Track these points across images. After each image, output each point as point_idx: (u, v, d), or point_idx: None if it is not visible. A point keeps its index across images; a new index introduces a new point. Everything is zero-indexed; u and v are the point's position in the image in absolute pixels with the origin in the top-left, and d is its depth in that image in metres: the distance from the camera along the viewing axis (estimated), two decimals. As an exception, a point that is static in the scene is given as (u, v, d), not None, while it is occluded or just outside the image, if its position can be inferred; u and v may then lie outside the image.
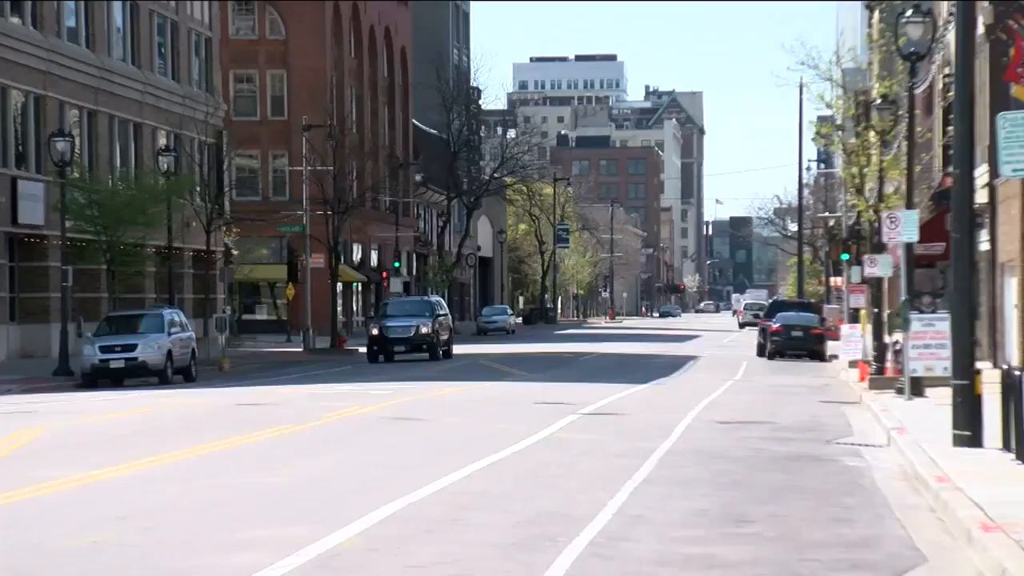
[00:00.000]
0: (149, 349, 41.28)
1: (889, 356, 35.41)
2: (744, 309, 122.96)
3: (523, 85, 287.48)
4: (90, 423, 26.62)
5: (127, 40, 60.88)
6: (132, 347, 41.12)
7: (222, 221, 64.84)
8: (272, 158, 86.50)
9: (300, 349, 65.73)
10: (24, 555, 12.37)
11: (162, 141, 61.65)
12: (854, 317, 49.31)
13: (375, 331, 53.90)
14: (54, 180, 48.05)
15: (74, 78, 55.28)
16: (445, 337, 55.37)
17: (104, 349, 40.95)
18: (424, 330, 52.92)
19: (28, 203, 51.32)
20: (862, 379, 35.79)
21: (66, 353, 43.56)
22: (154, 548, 12.53)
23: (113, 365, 40.75)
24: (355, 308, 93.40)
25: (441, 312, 56.22)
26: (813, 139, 54.27)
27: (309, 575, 11.17)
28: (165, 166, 54.78)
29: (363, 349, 66.96)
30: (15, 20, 51.75)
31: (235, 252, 73.16)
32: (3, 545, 12.91)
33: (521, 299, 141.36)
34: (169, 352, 42.08)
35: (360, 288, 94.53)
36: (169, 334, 42.57)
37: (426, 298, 62.15)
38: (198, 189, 61.36)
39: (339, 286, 77.66)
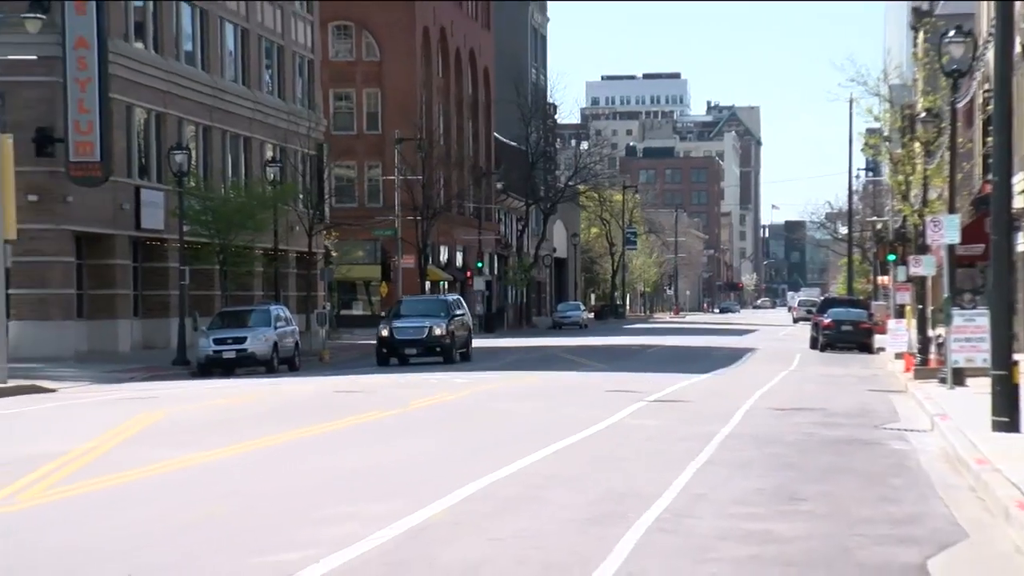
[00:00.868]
0: (257, 341, 41.61)
1: (932, 348, 35.03)
2: (798, 305, 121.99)
3: (595, 101, 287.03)
4: (204, 408, 26.85)
5: (238, 62, 61.36)
6: (242, 339, 41.46)
7: (322, 225, 65.23)
8: (367, 168, 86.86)
9: (393, 341, 65.89)
10: (149, 527, 12.48)
11: (269, 153, 62.10)
12: (900, 313, 48.78)
13: (384, 332, 45.82)
14: (173, 189, 48.52)
15: (191, 97, 55.77)
16: (463, 338, 47.50)
17: (217, 341, 41.30)
18: (437, 331, 45.18)
19: (150, 210, 51.85)
20: (907, 370, 35.42)
21: (183, 345, 43.97)
22: (260, 521, 12.60)
23: (225, 356, 41.10)
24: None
25: (458, 312, 48.27)
26: (862, 149, 53.73)
27: (401, 546, 11.17)
28: (272, 176, 55.17)
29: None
30: (139, 45, 52.29)
31: (334, 253, 73.56)
32: (129, 518, 13.04)
33: (593, 296, 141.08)
34: (275, 344, 42.37)
35: (446, 286, 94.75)
36: (275, 328, 42.87)
37: (442, 297, 54.58)
38: (301, 196, 61.75)
39: (427, 284, 77.92)
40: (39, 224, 45.19)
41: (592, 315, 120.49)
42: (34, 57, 41.74)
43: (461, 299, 51.92)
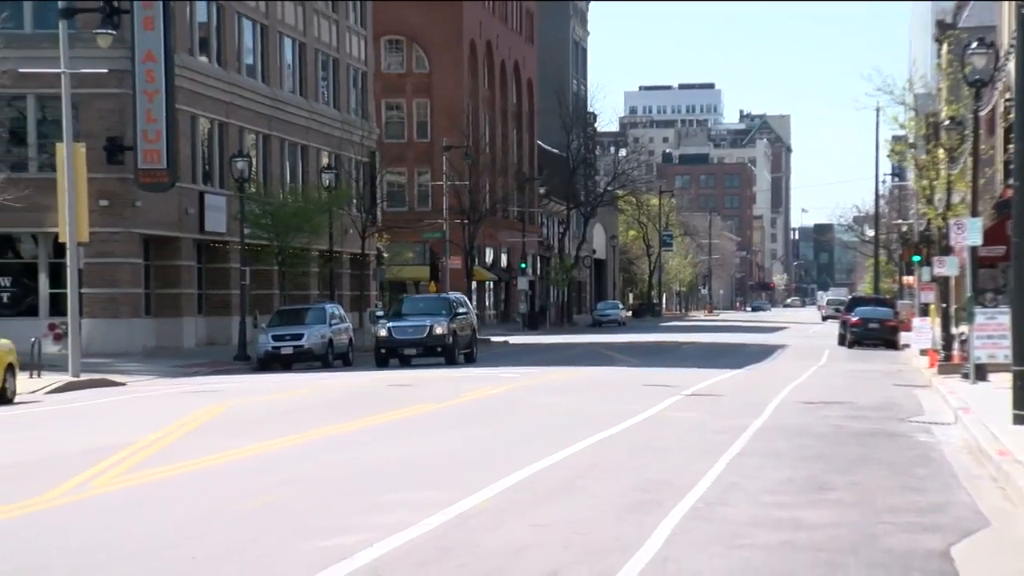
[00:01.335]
0: (313, 338, 41.78)
1: (956, 345, 34.78)
2: (826, 304, 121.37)
3: (633, 110, 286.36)
4: (264, 401, 26.98)
5: (296, 75, 61.63)
6: (299, 336, 41.63)
7: (375, 228, 65.40)
8: (417, 174, 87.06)
9: (441, 338, 65.97)
10: (212, 513, 12.56)
11: (324, 160, 62.33)
12: (924, 311, 48.47)
13: (383, 332, 41.79)
14: (234, 194, 48.79)
15: (251, 107, 56.07)
16: (466, 338, 43.24)
17: (276, 338, 41.51)
18: (439, 331, 41.24)
19: (213, 214, 52.15)
20: (931, 365, 35.17)
21: (244, 341, 44.20)
22: (315, 508, 12.65)
23: (283, 351, 41.30)
24: (487, 303, 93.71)
25: (461, 311, 43.96)
26: (888, 155, 53.43)
27: (450, 531, 11.20)
28: (327, 181, 55.37)
29: (496, 339, 67.10)
30: (203, 59, 52.60)
31: (385, 255, 73.74)
32: (194, 505, 13.12)
33: (631, 295, 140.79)
34: (330, 340, 42.52)
35: (492, 286, 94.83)
36: (330, 325, 43.02)
37: (445, 295, 49.35)
38: (355, 201, 61.95)
39: (474, 284, 77.98)
40: (110, 227, 45.56)
41: (630, 313, 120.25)
42: (105, 71, 42.05)
43: (465, 298, 47.98)
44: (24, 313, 45.87)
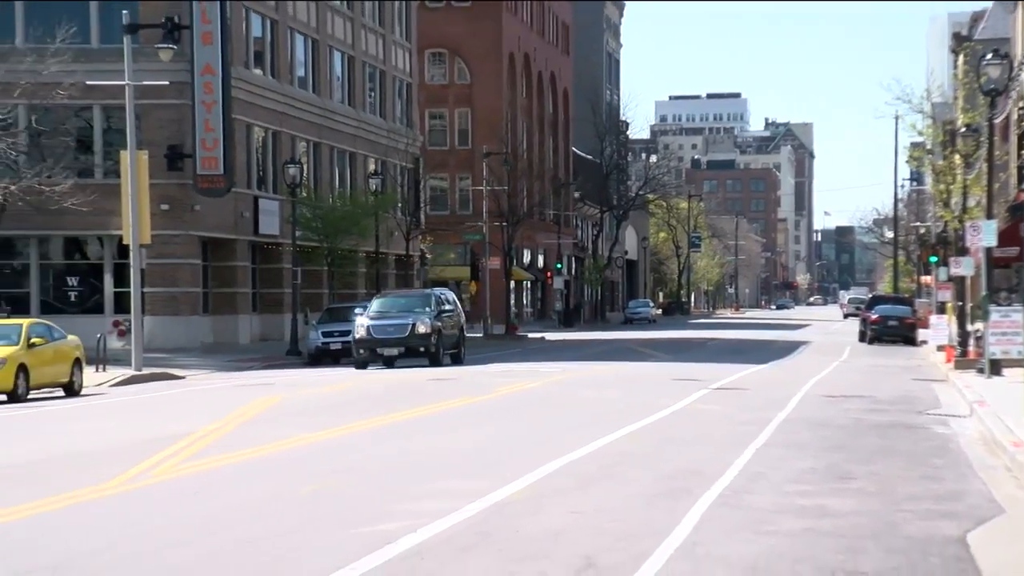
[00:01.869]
0: (360, 335, 41.86)
1: (971, 342, 34.50)
2: (848, 302, 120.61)
3: (663, 118, 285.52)
4: (315, 394, 27.07)
5: (344, 86, 61.80)
6: (348, 332, 41.59)
7: (418, 231, 65.54)
8: (458, 180, 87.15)
9: (480, 335, 66.08)
10: (266, 499, 12.62)
11: (371, 166, 62.48)
12: (941, 309, 48.13)
13: (360, 331, 36.30)
14: (287, 199, 49.00)
15: (302, 117, 56.27)
16: (452, 338, 38.12)
17: (325, 334, 41.56)
18: (422, 329, 36.03)
19: (266, 217, 52.36)
20: (948, 361, 34.91)
21: (296, 337, 44.37)
22: (361, 495, 12.68)
23: (333, 347, 41.31)
24: (525, 301, 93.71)
25: (447, 307, 38.56)
26: (907, 161, 53.15)
27: (490, 518, 11.20)
28: (373, 187, 55.51)
29: (533, 335, 67.02)
30: (257, 71, 52.84)
31: (428, 256, 73.88)
32: (249, 491, 13.19)
33: (660, 294, 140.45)
34: (376, 337, 42.50)
35: (529, 285, 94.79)
36: (376, 322, 43.01)
37: (427, 291, 42.50)
38: (399, 205, 62.10)
39: (512, 283, 77.97)
40: (170, 230, 45.82)
41: (660, 311, 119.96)
42: (166, 83, 42.31)
43: (452, 294, 41.85)
44: (90, 311, 46.20)
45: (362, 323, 36.70)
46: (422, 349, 36.49)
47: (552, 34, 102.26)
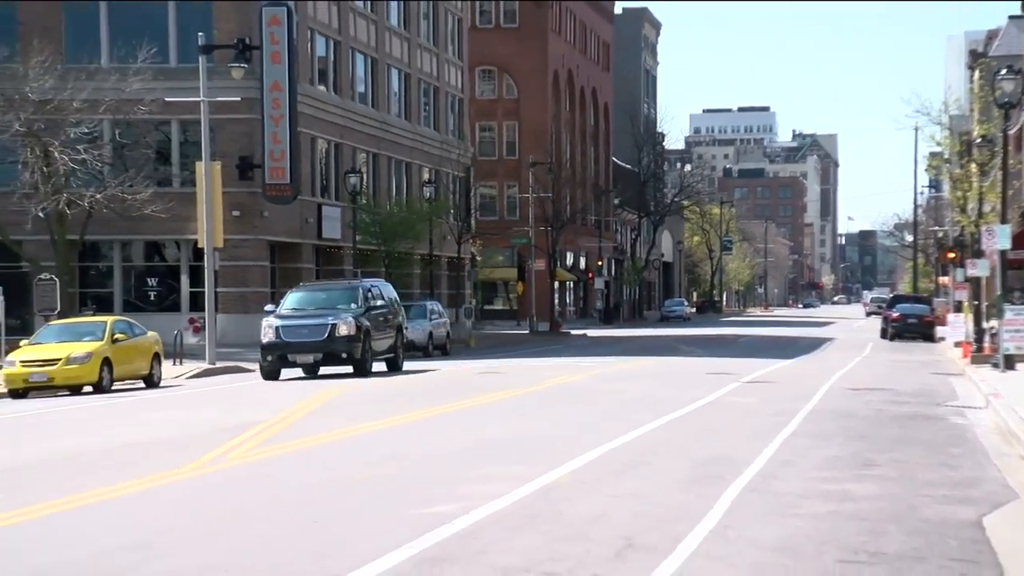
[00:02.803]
0: (416, 331, 41.82)
1: (986, 338, 34.18)
2: (870, 301, 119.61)
3: (697, 130, 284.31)
4: (373, 386, 27.13)
5: (401, 101, 62.00)
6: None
7: (469, 235, 65.65)
8: (506, 187, 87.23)
9: (526, 332, 66.18)
10: (328, 483, 12.70)
11: (425, 175, 62.66)
12: (958, 308, 47.65)
13: (268, 334, 28.08)
14: (348, 205, 49.23)
15: (362, 130, 56.51)
16: (386, 341, 29.60)
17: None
18: (344, 331, 27.88)
19: (329, 222, 52.63)
20: (965, 356, 34.58)
21: (356, 333, 44.43)
22: (417, 479, 12.72)
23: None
24: (568, 300, 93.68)
25: (378, 303, 29.68)
26: (926, 169, 52.68)
27: (535, 501, 11.22)
28: (427, 194, 55.68)
29: (576, 332, 66.96)
30: (321, 88, 53.12)
31: (478, 258, 74.02)
32: (311, 476, 13.27)
33: (694, 294, 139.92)
34: (430, 333, 42.69)
35: (572, 285, 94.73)
36: (430, 320, 43.20)
37: (354, 282, 32.04)
38: (451, 211, 62.23)
39: (556, 284, 77.96)
40: (241, 235, 46.15)
41: (694, 310, 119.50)
42: (238, 99, 42.67)
43: (388, 287, 32.27)
44: (168, 309, 46.63)
45: (270, 324, 28.11)
46: (344, 355, 28.19)
47: (594, 52, 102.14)
